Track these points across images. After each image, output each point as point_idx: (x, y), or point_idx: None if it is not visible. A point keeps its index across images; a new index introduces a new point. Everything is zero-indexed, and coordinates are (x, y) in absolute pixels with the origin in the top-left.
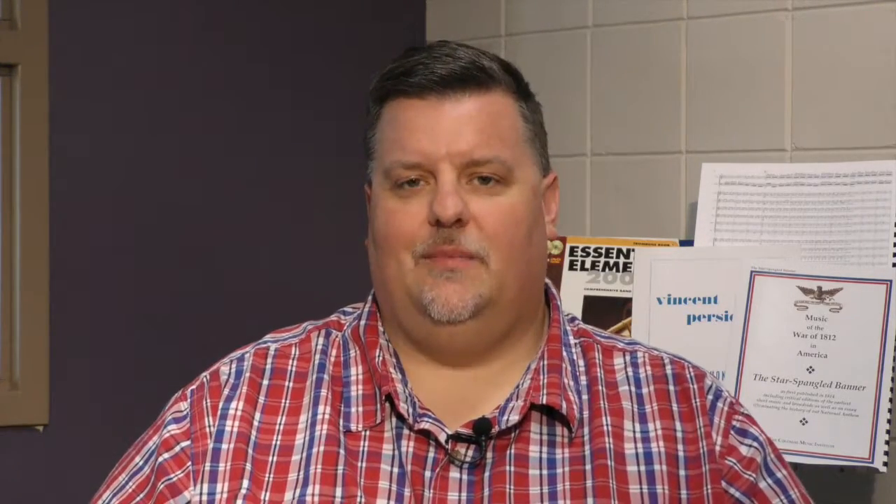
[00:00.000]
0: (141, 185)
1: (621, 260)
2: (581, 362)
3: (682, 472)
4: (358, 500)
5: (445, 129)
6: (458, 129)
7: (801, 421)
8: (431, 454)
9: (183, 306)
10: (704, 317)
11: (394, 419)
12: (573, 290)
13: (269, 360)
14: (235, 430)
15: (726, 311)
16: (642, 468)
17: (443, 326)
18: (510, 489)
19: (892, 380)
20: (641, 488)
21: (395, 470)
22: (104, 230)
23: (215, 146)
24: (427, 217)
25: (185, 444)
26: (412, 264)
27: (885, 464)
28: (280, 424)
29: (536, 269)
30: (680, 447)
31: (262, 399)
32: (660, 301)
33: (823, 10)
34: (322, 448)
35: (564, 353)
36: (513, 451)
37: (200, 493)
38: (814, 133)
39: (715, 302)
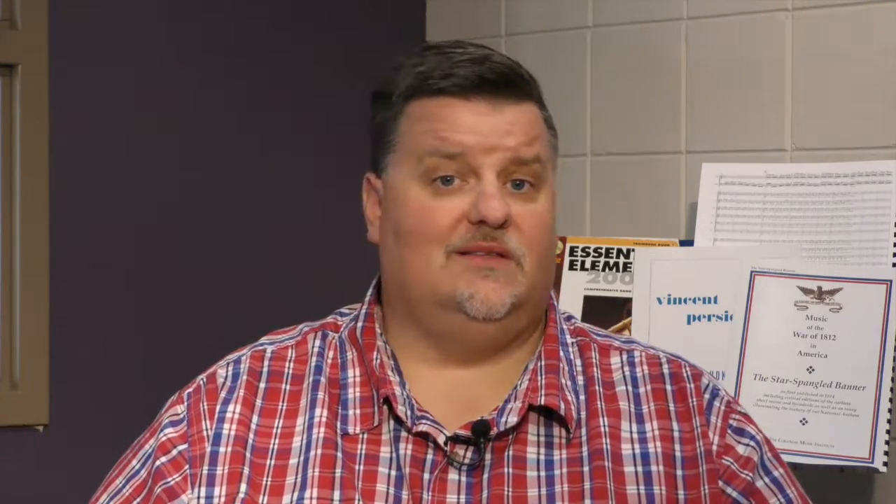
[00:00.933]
0: (141, 185)
1: (621, 260)
2: (578, 362)
3: (679, 473)
4: (356, 503)
5: (490, 129)
6: (504, 129)
7: (801, 421)
8: (430, 456)
9: (183, 306)
10: (704, 317)
11: (391, 422)
12: (573, 290)
13: (266, 363)
14: (233, 433)
15: (726, 311)
16: (639, 469)
17: (477, 323)
18: (509, 491)
19: (893, 380)
20: (639, 489)
21: (393, 473)
22: (104, 230)
23: (215, 146)
24: (466, 215)
25: (182, 447)
26: (443, 260)
27: (885, 464)
28: (277, 427)
29: (553, 273)
30: (677, 447)
31: (259, 402)
32: (660, 301)
33: (823, 10)
34: (319, 451)
35: (562, 353)
36: (511, 452)
37: (198, 497)
38: (814, 133)
39: (715, 302)
